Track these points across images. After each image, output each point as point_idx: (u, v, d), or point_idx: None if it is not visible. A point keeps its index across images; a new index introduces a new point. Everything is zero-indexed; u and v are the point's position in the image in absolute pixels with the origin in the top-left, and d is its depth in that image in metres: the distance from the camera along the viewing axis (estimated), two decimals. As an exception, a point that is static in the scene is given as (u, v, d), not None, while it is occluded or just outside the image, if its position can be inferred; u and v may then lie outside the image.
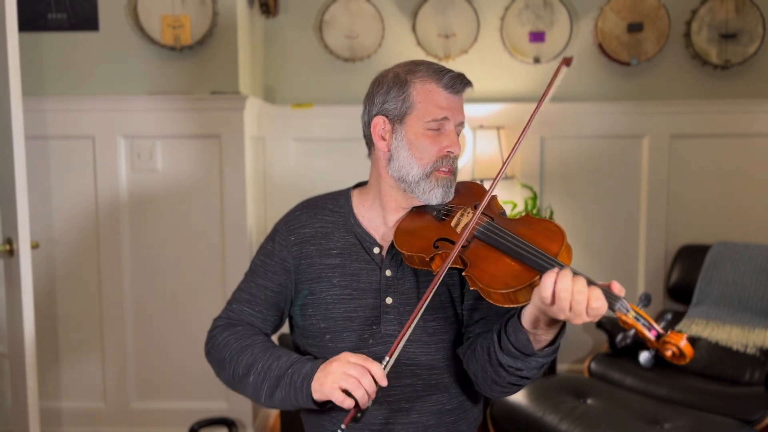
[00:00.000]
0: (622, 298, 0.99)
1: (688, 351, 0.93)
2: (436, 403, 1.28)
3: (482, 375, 1.20)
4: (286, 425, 2.56)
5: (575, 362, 3.25)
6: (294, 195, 3.16)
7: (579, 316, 0.99)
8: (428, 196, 1.26)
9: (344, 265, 1.31)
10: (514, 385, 1.18)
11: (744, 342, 2.74)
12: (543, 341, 1.10)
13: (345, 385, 1.11)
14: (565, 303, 0.98)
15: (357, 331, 1.27)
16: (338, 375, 1.12)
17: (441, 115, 1.24)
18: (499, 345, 1.13)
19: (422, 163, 1.25)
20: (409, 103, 1.25)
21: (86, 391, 2.78)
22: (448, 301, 1.29)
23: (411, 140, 1.25)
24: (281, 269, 1.35)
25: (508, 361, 1.13)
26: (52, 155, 2.69)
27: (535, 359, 1.11)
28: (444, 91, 1.25)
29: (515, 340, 1.10)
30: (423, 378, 1.27)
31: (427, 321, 1.27)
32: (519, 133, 1.12)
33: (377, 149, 1.31)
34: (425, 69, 1.27)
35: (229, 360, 1.29)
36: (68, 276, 2.74)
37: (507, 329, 1.12)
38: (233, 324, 1.36)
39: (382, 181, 1.32)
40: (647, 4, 3.11)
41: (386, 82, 1.28)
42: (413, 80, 1.26)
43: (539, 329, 1.07)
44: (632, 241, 3.24)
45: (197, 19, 2.65)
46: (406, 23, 3.20)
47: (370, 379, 1.11)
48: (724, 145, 3.19)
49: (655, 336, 0.95)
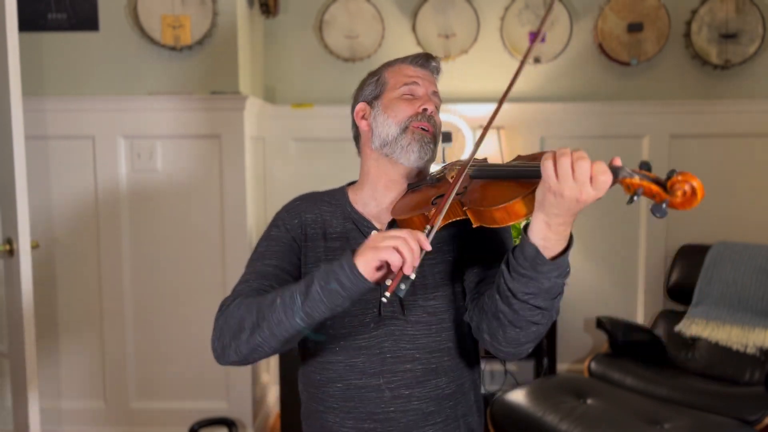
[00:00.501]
0: (624, 167, 0.98)
1: (699, 187, 0.92)
2: (435, 388, 1.28)
3: (496, 323, 1.16)
4: (286, 425, 2.56)
5: (575, 362, 3.25)
6: (294, 195, 3.14)
7: (584, 185, 0.97)
8: (406, 152, 1.31)
9: (344, 248, 1.31)
10: (530, 323, 1.13)
11: (744, 342, 2.74)
12: (552, 251, 1.07)
13: (390, 242, 1.02)
14: (567, 170, 0.97)
15: (358, 315, 1.27)
16: (382, 239, 1.04)
17: (411, 80, 1.34)
18: (509, 272, 1.10)
19: (397, 120, 1.32)
20: (383, 82, 1.38)
21: (86, 391, 2.78)
22: (448, 278, 1.29)
23: (387, 105, 1.35)
24: (290, 250, 1.34)
25: (519, 287, 1.09)
26: (52, 155, 2.69)
27: (547, 277, 1.07)
28: (411, 66, 1.37)
29: (524, 258, 1.07)
30: (423, 362, 1.27)
31: (428, 300, 1.27)
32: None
33: (361, 133, 1.41)
34: (395, 59, 1.41)
35: (247, 312, 1.16)
36: (68, 276, 2.74)
37: (515, 253, 1.10)
38: (240, 296, 1.26)
39: (368, 159, 1.38)
40: (647, 4, 3.11)
41: (363, 79, 1.44)
42: (384, 67, 1.41)
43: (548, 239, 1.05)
44: (632, 241, 3.24)
45: (197, 19, 2.65)
46: (406, 23, 3.20)
47: (415, 241, 1.03)
48: (724, 145, 3.19)
49: (664, 184, 0.95)
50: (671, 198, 0.95)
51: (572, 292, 3.12)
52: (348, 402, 1.27)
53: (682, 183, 0.93)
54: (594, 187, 0.97)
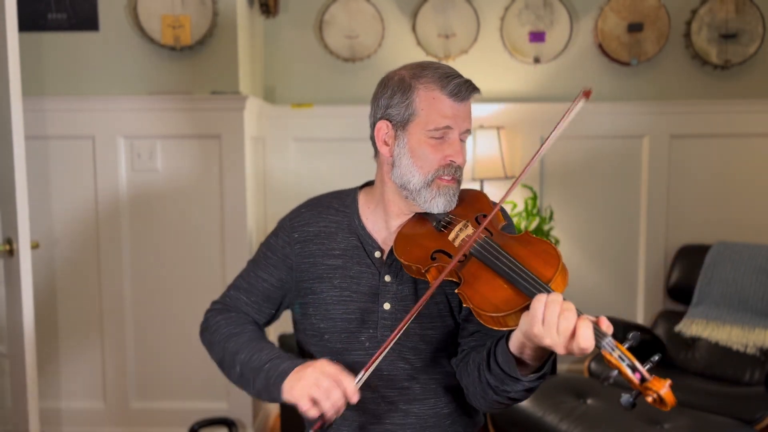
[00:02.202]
0: (609, 336, 0.96)
1: (669, 399, 0.90)
2: (433, 406, 1.28)
3: (472, 389, 1.21)
4: (286, 425, 2.56)
5: (575, 362, 3.25)
6: (294, 195, 3.16)
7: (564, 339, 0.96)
8: (430, 205, 1.24)
9: (345, 266, 1.30)
10: (501, 404, 1.17)
11: (744, 342, 2.74)
12: (529, 367, 1.09)
13: (314, 394, 1.10)
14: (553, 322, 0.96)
15: (355, 333, 1.28)
16: (309, 383, 1.12)
17: (444, 123, 1.21)
18: (488, 365, 1.13)
19: (423, 171, 1.23)
20: (413, 109, 1.22)
21: (86, 391, 2.78)
22: (446, 310, 1.28)
23: (413, 147, 1.23)
24: (283, 265, 1.35)
25: (494, 382, 1.12)
26: (52, 155, 2.68)
27: (521, 383, 1.09)
28: (448, 99, 1.21)
29: (502, 362, 1.09)
30: (421, 382, 1.27)
31: (426, 329, 1.27)
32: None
33: (381, 154, 1.30)
34: (431, 74, 1.23)
35: (217, 344, 1.34)
36: (68, 276, 2.73)
37: (496, 351, 1.11)
38: (228, 309, 1.40)
39: (385, 186, 1.31)
40: (647, 4, 3.11)
41: (391, 86, 1.26)
42: (417, 86, 1.23)
43: (525, 356, 1.07)
44: (632, 241, 3.24)
45: (197, 19, 2.65)
46: (406, 23, 3.20)
47: (341, 395, 1.10)
48: (724, 145, 3.19)
49: (639, 379, 0.93)
50: (643, 394, 0.93)
51: (572, 292, 3.12)
52: (344, 411, 1.27)
53: (652, 392, 0.91)
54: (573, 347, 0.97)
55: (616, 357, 0.94)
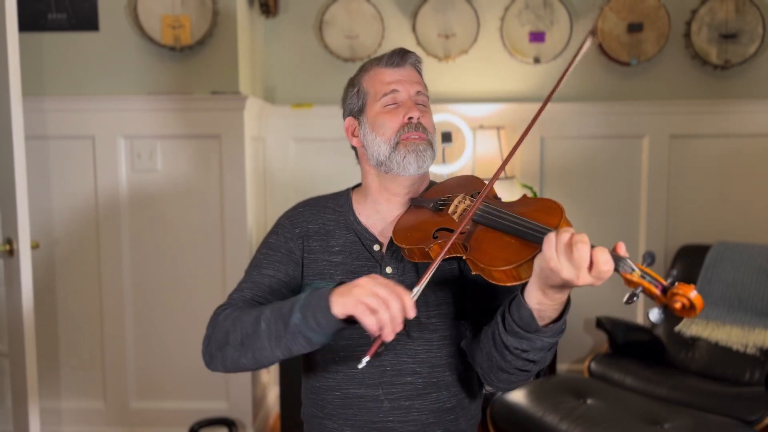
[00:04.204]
0: (627, 258, 0.97)
1: (698, 302, 0.91)
2: (435, 401, 1.28)
3: (488, 363, 1.18)
4: (286, 425, 2.56)
5: (575, 362, 3.25)
6: (294, 195, 3.16)
7: (581, 270, 0.95)
8: (403, 165, 1.28)
9: (346, 262, 1.31)
10: (521, 371, 1.15)
11: (744, 342, 2.74)
12: (547, 317, 1.08)
13: (372, 301, 1.00)
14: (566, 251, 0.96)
15: (358, 327, 1.27)
16: (366, 290, 1.02)
17: (389, 89, 1.29)
18: (504, 326, 1.11)
19: (386, 138, 1.28)
20: (363, 92, 1.32)
21: (86, 391, 2.78)
22: (451, 297, 1.29)
23: (372, 122, 1.30)
24: (288, 260, 1.33)
25: (512, 342, 1.10)
26: (52, 155, 2.69)
27: (540, 338, 1.08)
28: (386, 69, 1.31)
29: (519, 318, 1.08)
30: (424, 376, 1.27)
31: (430, 317, 1.27)
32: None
33: (357, 149, 1.38)
34: (370, 61, 1.35)
35: (232, 326, 1.18)
36: (68, 276, 2.74)
37: (511, 309, 1.10)
38: (234, 305, 1.29)
39: (368, 175, 1.36)
40: (647, 4, 3.11)
41: (345, 89, 1.38)
42: (361, 74, 1.34)
43: (543, 303, 1.05)
44: (632, 241, 3.24)
45: (197, 19, 2.65)
46: (406, 23, 3.20)
47: (399, 305, 1.00)
48: (724, 145, 3.19)
49: (662, 290, 0.94)
50: (670, 304, 0.93)
51: (573, 292, 3.12)
52: (346, 410, 1.27)
53: (681, 297, 0.92)
54: (593, 274, 0.96)
55: (637, 275, 0.95)
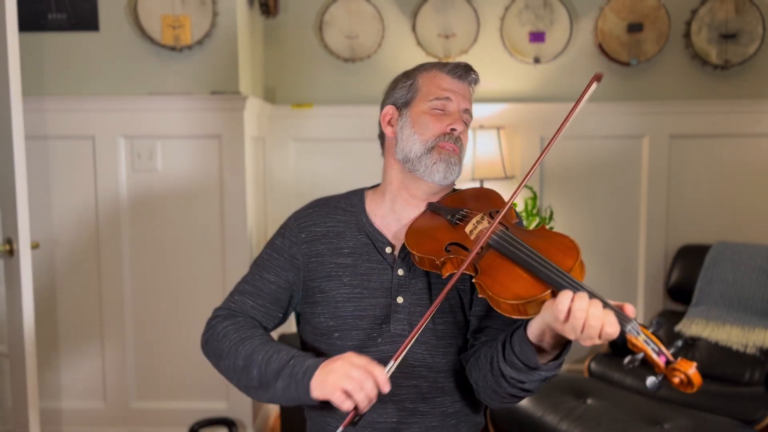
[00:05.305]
0: (634, 320, 0.98)
1: (696, 380, 0.92)
2: (439, 405, 1.28)
3: (483, 384, 1.20)
4: (286, 425, 2.56)
5: (575, 362, 3.25)
6: (294, 195, 3.17)
7: (590, 339, 0.98)
8: (431, 171, 1.27)
9: (356, 264, 1.30)
10: (514, 397, 1.17)
11: (744, 342, 2.74)
12: (547, 356, 1.10)
13: (347, 386, 1.08)
14: (579, 324, 0.97)
15: (366, 329, 1.27)
16: (341, 375, 1.10)
17: (444, 95, 1.29)
18: (503, 356, 1.13)
19: (424, 138, 1.28)
20: (415, 88, 1.32)
21: (86, 391, 2.78)
22: (458, 305, 1.29)
23: (415, 119, 1.30)
24: (290, 266, 1.34)
25: (510, 372, 1.12)
26: (52, 155, 2.69)
27: (538, 373, 1.10)
28: (447, 76, 1.31)
29: (520, 352, 1.09)
30: (429, 380, 1.27)
31: (437, 324, 1.27)
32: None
33: (387, 138, 1.36)
34: (432, 63, 1.35)
35: (227, 351, 1.26)
36: (68, 276, 2.74)
37: (512, 341, 1.11)
38: (234, 315, 1.34)
39: (390, 169, 1.35)
40: (647, 4, 3.11)
41: (396, 79, 1.37)
42: (420, 70, 1.34)
43: (545, 344, 1.07)
44: (632, 241, 3.24)
45: (197, 19, 2.65)
46: (406, 23, 3.20)
47: (373, 384, 1.09)
48: (724, 145, 3.19)
49: (665, 362, 0.94)
50: (669, 377, 0.94)
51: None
52: None
53: (681, 373, 0.93)
54: (601, 339, 0.99)
55: (641, 341, 0.96)
